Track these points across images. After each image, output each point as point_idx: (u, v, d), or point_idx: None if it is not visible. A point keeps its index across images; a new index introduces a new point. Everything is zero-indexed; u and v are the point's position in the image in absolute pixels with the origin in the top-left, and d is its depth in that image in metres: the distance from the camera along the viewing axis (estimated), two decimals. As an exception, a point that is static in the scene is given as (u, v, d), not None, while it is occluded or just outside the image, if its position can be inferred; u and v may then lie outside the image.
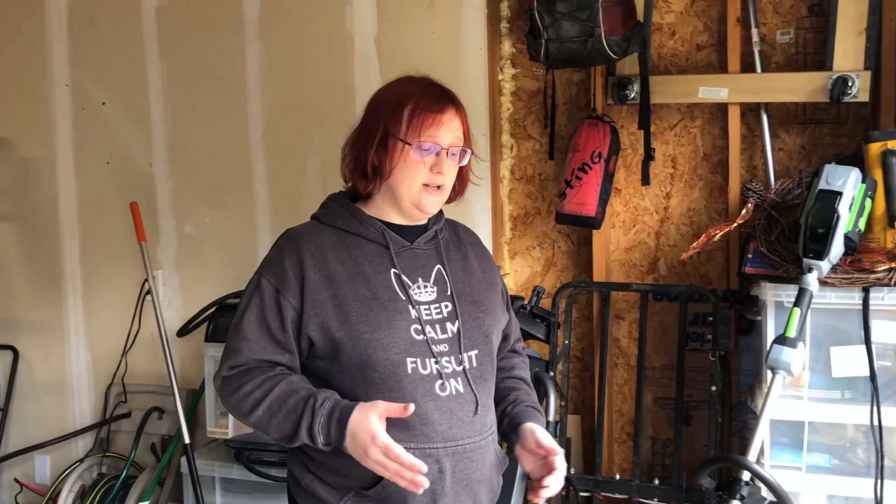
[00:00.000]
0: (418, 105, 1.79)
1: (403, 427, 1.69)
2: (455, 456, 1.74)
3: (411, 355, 1.73)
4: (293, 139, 3.45)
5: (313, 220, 1.88)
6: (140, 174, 3.68)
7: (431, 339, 1.76)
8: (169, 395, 3.48)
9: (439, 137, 1.79)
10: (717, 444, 2.92)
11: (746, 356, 3.02)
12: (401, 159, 1.78)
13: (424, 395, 1.73)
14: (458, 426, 1.75)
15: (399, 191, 1.80)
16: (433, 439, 1.72)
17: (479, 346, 1.82)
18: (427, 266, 1.84)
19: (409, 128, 1.78)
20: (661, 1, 3.07)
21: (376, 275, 1.78)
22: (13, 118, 3.88)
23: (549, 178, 3.26)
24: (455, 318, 1.80)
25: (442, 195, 1.83)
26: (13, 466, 3.92)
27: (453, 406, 1.75)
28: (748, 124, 3.01)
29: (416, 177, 1.79)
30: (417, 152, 1.77)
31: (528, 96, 3.27)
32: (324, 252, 1.78)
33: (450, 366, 1.76)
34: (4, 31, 3.85)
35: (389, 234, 1.82)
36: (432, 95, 1.82)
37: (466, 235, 1.99)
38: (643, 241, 3.18)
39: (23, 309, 3.93)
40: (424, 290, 1.80)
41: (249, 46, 3.48)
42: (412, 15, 3.25)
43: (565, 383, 3.15)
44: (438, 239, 1.89)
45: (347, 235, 1.82)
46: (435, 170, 1.78)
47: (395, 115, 1.80)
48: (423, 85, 1.84)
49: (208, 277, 3.59)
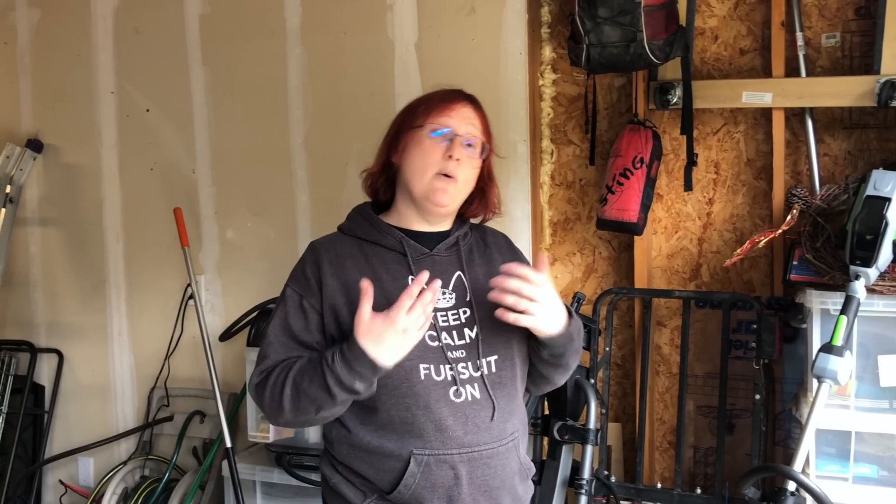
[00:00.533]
0: (433, 98, 1.83)
1: (417, 434, 1.69)
2: (471, 462, 1.73)
3: (424, 361, 1.73)
4: (334, 145, 3.47)
5: (337, 232, 1.91)
6: (183, 180, 3.73)
7: (447, 345, 1.75)
8: (210, 398, 3.51)
9: (453, 121, 1.79)
10: (761, 454, 2.88)
11: (790, 364, 2.98)
12: (413, 145, 1.79)
13: (438, 400, 1.72)
14: (474, 432, 1.73)
15: (412, 181, 1.79)
16: (448, 445, 1.71)
17: (498, 352, 1.80)
18: (447, 273, 1.83)
19: (421, 116, 1.80)
20: (703, 5, 3.05)
21: (393, 282, 1.78)
22: (60, 125, 3.96)
23: (589, 184, 3.24)
24: (473, 324, 1.79)
25: (456, 186, 1.79)
26: (58, 468, 3.99)
27: (468, 412, 1.73)
28: (793, 129, 2.97)
29: (428, 162, 1.77)
30: (428, 137, 1.78)
31: (569, 101, 3.26)
32: (342, 260, 1.80)
33: (466, 372, 1.75)
34: (52, 39, 3.93)
35: (407, 241, 1.82)
36: (447, 92, 1.85)
37: (493, 238, 1.97)
38: (685, 248, 3.15)
39: (68, 313, 4.00)
40: (442, 297, 1.80)
41: (291, 53, 3.51)
42: (453, 21, 3.26)
43: (606, 391, 3.12)
44: (460, 245, 1.88)
45: (367, 245, 1.83)
46: (448, 154, 1.77)
47: (410, 113, 1.84)
48: (443, 89, 1.87)
49: (250, 282, 3.62)
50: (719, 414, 2.95)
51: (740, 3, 3.01)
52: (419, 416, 1.70)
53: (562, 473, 2.87)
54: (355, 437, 1.76)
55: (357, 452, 1.76)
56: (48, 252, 4.02)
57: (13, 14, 3.98)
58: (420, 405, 1.70)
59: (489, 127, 1.87)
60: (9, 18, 3.99)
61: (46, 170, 3.99)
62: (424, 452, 1.69)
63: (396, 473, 1.72)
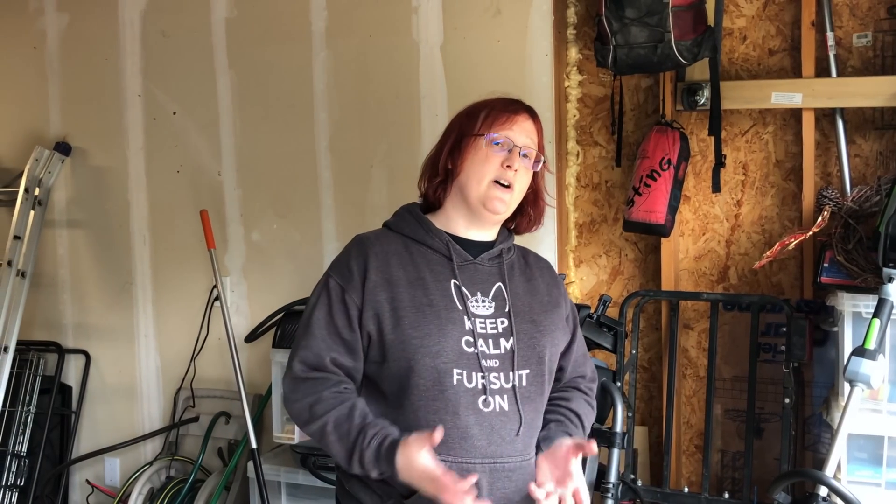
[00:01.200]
0: (494, 107, 1.85)
1: (442, 441, 1.67)
2: (493, 473, 1.72)
3: (459, 366, 1.72)
4: (359, 147, 3.48)
5: (383, 227, 1.91)
6: (209, 182, 3.75)
7: (482, 352, 1.75)
8: (236, 399, 3.53)
9: (513, 132, 1.82)
10: (790, 458, 2.84)
11: (820, 368, 2.94)
12: (472, 152, 1.82)
13: (467, 408, 1.71)
14: (497, 443, 1.72)
15: (468, 187, 1.81)
16: (471, 454, 1.71)
17: (531, 366, 1.79)
18: (488, 282, 1.83)
19: (482, 124, 1.82)
20: (731, 5, 3.02)
21: (436, 283, 1.79)
22: (87, 128, 3.99)
23: (615, 186, 3.23)
24: (510, 335, 1.78)
25: (511, 196, 1.82)
26: (85, 468, 4.01)
27: (495, 423, 1.73)
28: (822, 130, 2.94)
29: (486, 170, 1.80)
30: (489, 144, 1.80)
31: (595, 103, 3.24)
32: (388, 257, 1.81)
33: (497, 382, 1.74)
34: (80, 43, 3.97)
35: (454, 246, 1.83)
36: (507, 101, 1.87)
37: (536, 261, 1.97)
38: (713, 250, 3.12)
39: (95, 314, 4.03)
40: (482, 304, 1.80)
41: (316, 56, 3.52)
42: (478, 23, 3.25)
43: (632, 394, 3.10)
44: (503, 258, 1.88)
45: (413, 244, 1.84)
46: (506, 164, 1.79)
47: (471, 118, 1.86)
48: (503, 97, 1.89)
49: (275, 284, 3.64)
50: (748, 418, 2.92)
51: (769, 3, 2.99)
52: (446, 421, 1.70)
53: (587, 477, 2.84)
54: None
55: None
56: (76, 254, 4.05)
57: (42, 19, 4.03)
58: (449, 410, 1.70)
59: (543, 140, 1.90)
60: (38, 23, 4.04)
61: (74, 172, 4.02)
62: (447, 459, 1.68)
63: None
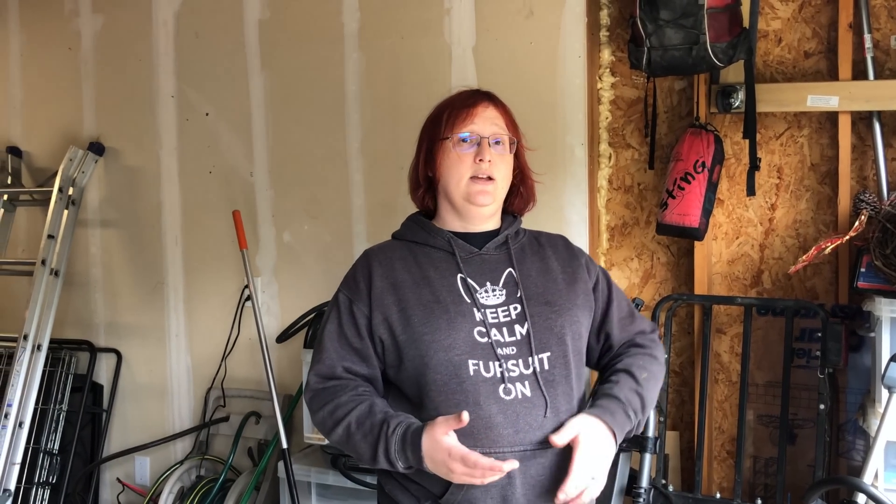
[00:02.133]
0: (453, 106, 1.86)
1: (468, 433, 1.67)
2: (524, 461, 1.69)
3: (473, 357, 1.72)
4: (390, 149, 3.48)
5: (390, 239, 1.96)
6: (241, 183, 3.77)
7: (497, 341, 1.74)
8: (266, 399, 3.54)
9: (476, 127, 1.83)
10: (825, 465, 2.81)
11: (855, 374, 2.91)
12: (444, 155, 1.84)
13: (487, 397, 1.70)
14: (524, 430, 1.70)
15: (449, 189, 1.84)
16: (498, 443, 1.69)
17: (551, 349, 1.77)
18: (497, 270, 1.84)
19: (445, 126, 1.84)
20: (767, 7, 3.00)
21: (441, 279, 1.80)
22: (121, 128, 4.03)
23: (647, 188, 3.21)
24: (524, 320, 1.77)
25: (493, 187, 1.83)
26: (115, 466, 4.05)
27: (519, 410, 1.71)
28: (859, 133, 2.91)
29: (462, 170, 1.82)
30: (456, 145, 1.82)
31: (628, 105, 3.22)
32: (392, 262, 1.84)
33: (516, 369, 1.73)
34: (115, 44, 4.01)
35: (455, 240, 1.85)
36: (465, 96, 1.89)
37: (549, 240, 1.97)
38: (746, 254, 3.10)
39: (127, 313, 4.07)
40: (492, 294, 1.80)
41: (349, 57, 3.53)
42: (511, 24, 3.25)
43: (664, 398, 3.08)
44: (510, 243, 1.89)
45: (417, 246, 1.87)
46: (478, 157, 1.81)
47: (435, 124, 1.88)
48: (460, 92, 1.91)
49: (306, 285, 3.65)
50: (781, 424, 2.89)
51: (805, 5, 2.96)
52: (469, 413, 1.67)
53: (619, 482, 2.84)
54: None
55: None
56: (108, 253, 4.09)
57: (77, 20, 4.07)
58: (469, 402, 1.69)
59: (514, 119, 1.91)
60: (73, 24, 4.08)
61: (107, 172, 4.06)
62: (476, 450, 1.65)
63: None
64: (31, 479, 3.81)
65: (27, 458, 3.69)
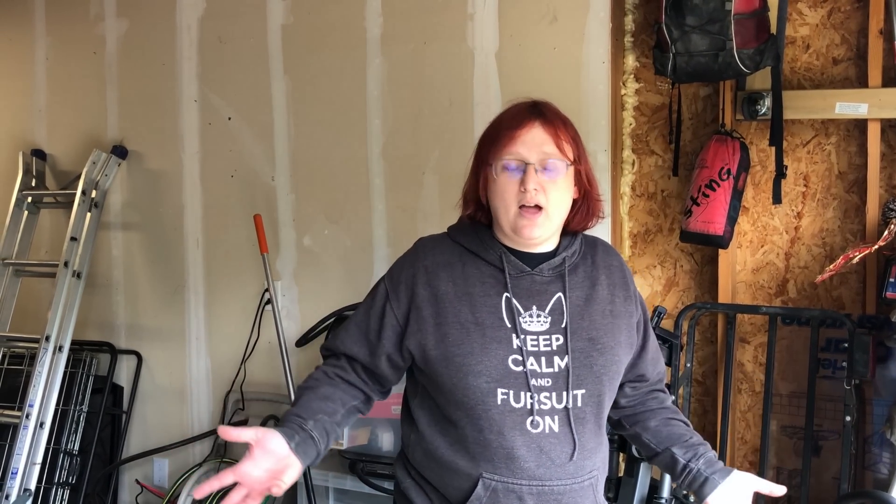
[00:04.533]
0: (499, 126, 1.73)
1: (488, 458, 1.65)
2: (541, 496, 1.66)
3: (504, 386, 1.66)
4: (412, 154, 3.47)
5: (445, 233, 1.85)
6: (263, 187, 3.78)
7: (532, 371, 1.67)
8: (285, 403, 3.54)
9: (520, 153, 1.68)
10: (850, 478, 2.76)
11: (883, 385, 2.86)
12: (490, 183, 1.72)
13: (513, 428, 1.65)
14: (547, 466, 1.66)
15: (499, 216, 1.72)
16: (517, 475, 1.66)
17: (587, 386, 1.70)
18: (546, 293, 1.73)
19: (490, 151, 1.72)
20: (795, 13, 2.96)
21: (484, 297, 1.71)
22: (144, 132, 4.05)
23: (671, 195, 3.18)
24: (565, 353, 1.70)
25: (543, 217, 1.69)
26: (134, 468, 4.06)
27: (544, 444, 1.66)
28: (888, 141, 2.86)
29: (507, 199, 1.69)
30: (500, 173, 1.69)
31: (652, 111, 3.20)
32: (437, 269, 1.75)
33: (549, 402, 1.67)
34: (138, 48, 4.03)
35: (508, 257, 1.74)
36: (516, 114, 1.73)
37: (604, 257, 1.83)
38: (771, 262, 3.06)
39: (147, 316, 4.08)
40: (536, 320, 1.71)
41: (371, 62, 3.53)
42: (534, 30, 3.23)
43: (686, 408, 3.05)
44: (565, 266, 1.76)
45: (468, 254, 1.77)
46: (521, 187, 1.67)
47: (486, 141, 1.75)
48: (514, 106, 1.75)
49: (326, 289, 3.64)
50: (806, 435, 2.85)
51: (834, 11, 2.92)
52: (492, 440, 1.66)
53: (639, 492, 2.80)
54: (430, 446, 1.73)
55: (430, 462, 1.74)
56: (130, 256, 4.11)
57: (102, 24, 4.10)
58: (493, 430, 1.65)
59: (571, 134, 1.73)
60: (98, 28, 4.11)
61: (130, 175, 4.08)
62: (493, 478, 1.65)
63: (464, 493, 1.68)
64: (52, 479, 3.83)
65: (47, 458, 3.70)
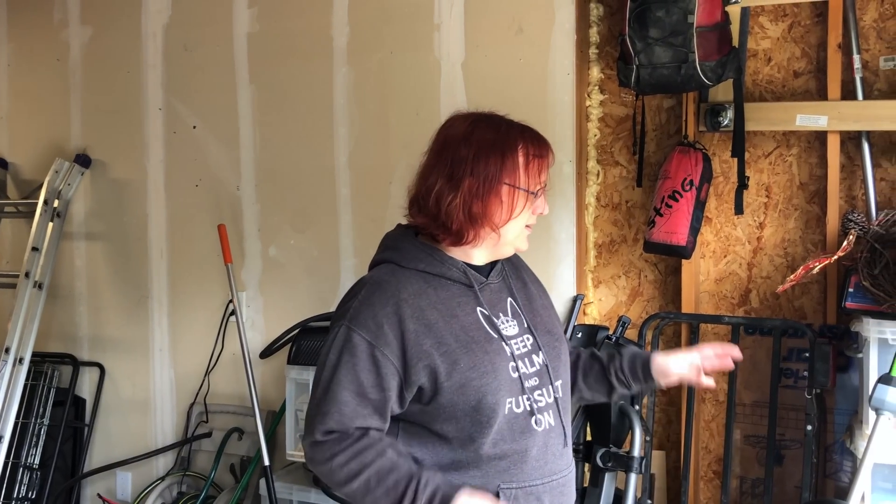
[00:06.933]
0: (530, 152, 1.73)
1: (504, 468, 1.67)
2: (552, 491, 1.71)
3: (510, 395, 1.69)
4: (378, 164, 3.46)
5: (391, 265, 1.76)
6: (228, 196, 3.75)
7: (524, 374, 1.72)
8: (249, 415, 3.50)
9: (543, 180, 1.78)
10: (812, 487, 2.79)
11: (843, 394, 2.89)
12: (511, 203, 1.71)
13: (522, 432, 1.69)
14: (552, 460, 1.72)
15: (507, 235, 1.75)
16: (532, 476, 1.69)
17: (562, 376, 1.80)
18: (502, 300, 1.79)
19: (528, 176, 1.72)
20: (756, 27, 3.00)
21: (467, 316, 1.73)
22: (108, 140, 4.00)
23: (635, 206, 3.20)
24: (538, 350, 1.77)
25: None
26: (97, 481, 4.00)
27: (547, 440, 1.72)
28: (847, 153, 2.90)
29: (522, 219, 1.76)
30: (531, 197, 1.74)
31: (616, 122, 3.22)
32: (416, 300, 1.69)
33: (543, 399, 1.73)
34: (103, 56, 3.99)
35: (470, 272, 1.76)
36: (536, 139, 1.76)
37: (518, 261, 1.93)
38: (734, 272, 3.08)
39: (111, 327, 4.03)
40: (509, 325, 1.77)
41: (338, 72, 3.52)
42: (500, 41, 3.24)
43: (650, 417, 3.06)
44: (505, 271, 1.85)
45: (431, 277, 1.74)
46: (538, 211, 1.77)
47: (505, 162, 1.71)
48: (520, 128, 1.76)
49: (292, 300, 3.62)
50: (769, 444, 2.87)
51: (795, 25, 2.96)
52: (507, 450, 1.68)
53: (604, 501, 2.80)
54: None
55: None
56: (93, 266, 4.05)
57: (66, 31, 4.06)
58: (507, 440, 1.68)
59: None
60: (62, 35, 4.07)
61: (94, 185, 4.03)
62: (512, 486, 1.67)
63: None
64: (10, 494, 3.76)
65: (6, 472, 3.64)
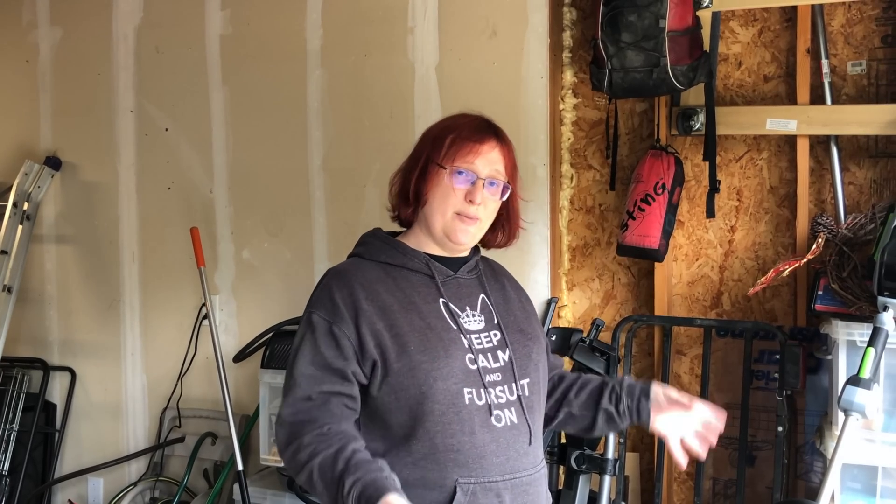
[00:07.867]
0: (460, 134, 1.77)
1: (461, 462, 1.65)
2: (514, 489, 1.69)
3: (467, 385, 1.69)
4: (353, 167, 3.46)
5: (355, 258, 1.84)
6: (200, 200, 3.72)
7: (484, 368, 1.72)
8: (223, 420, 3.48)
9: (476, 166, 1.75)
10: (783, 487, 2.82)
11: (813, 396, 2.92)
12: (436, 182, 1.76)
13: (481, 426, 1.68)
14: (514, 458, 1.70)
15: (433, 218, 1.77)
16: (491, 472, 1.68)
17: (530, 375, 1.78)
18: (472, 295, 1.81)
19: (446, 154, 1.76)
20: (727, 31, 3.03)
21: (426, 305, 1.74)
22: (78, 142, 3.96)
23: (609, 209, 3.21)
24: (505, 347, 1.76)
25: (476, 227, 1.78)
26: (68, 488, 3.95)
27: (508, 437, 1.70)
28: (817, 157, 2.94)
29: (449, 203, 1.75)
30: (451, 177, 1.75)
31: (589, 126, 3.23)
32: (373, 284, 1.74)
33: (504, 395, 1.72)
34: (73, 57, 3.94)
35: (434, 264, 1.79)
36: (476, 127, 1.79)
37: (500, 269, 1.95)
38: (706, 275, 3.11)
39: (82, 331, 3.98)
40: (473, 319, 1.77)
41: (311, 74, 3.51)
42: (474, 44, 3.25)
43: (624, 419, 3.07)
44: (480, 269, 1.86)
45: (392, 268, 1.78)
46: (468, 198, 1.75)
47: (437, 143, 1.78)
48: (471, 118, 1.82)
49: (265, 303, 3.60)
50: (740, 446, 2.90)
51: (765, 30, 2.99)
52: (464, 442, 1.67)
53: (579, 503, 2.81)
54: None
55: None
56: (63, 269, 4.01)
57: (35, 32, 4.01)
58: (465, 431, 1.67)
59: (515, 162, 1.83)
60: (31, 36, 4.02)
61: (64, 187, 3.99)
62: (470, 480, 1.66)
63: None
64: (-21, 501, 3.72)
65: (-25, 479, 3.59)
